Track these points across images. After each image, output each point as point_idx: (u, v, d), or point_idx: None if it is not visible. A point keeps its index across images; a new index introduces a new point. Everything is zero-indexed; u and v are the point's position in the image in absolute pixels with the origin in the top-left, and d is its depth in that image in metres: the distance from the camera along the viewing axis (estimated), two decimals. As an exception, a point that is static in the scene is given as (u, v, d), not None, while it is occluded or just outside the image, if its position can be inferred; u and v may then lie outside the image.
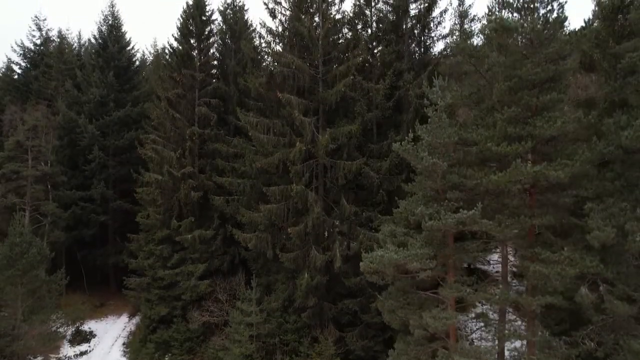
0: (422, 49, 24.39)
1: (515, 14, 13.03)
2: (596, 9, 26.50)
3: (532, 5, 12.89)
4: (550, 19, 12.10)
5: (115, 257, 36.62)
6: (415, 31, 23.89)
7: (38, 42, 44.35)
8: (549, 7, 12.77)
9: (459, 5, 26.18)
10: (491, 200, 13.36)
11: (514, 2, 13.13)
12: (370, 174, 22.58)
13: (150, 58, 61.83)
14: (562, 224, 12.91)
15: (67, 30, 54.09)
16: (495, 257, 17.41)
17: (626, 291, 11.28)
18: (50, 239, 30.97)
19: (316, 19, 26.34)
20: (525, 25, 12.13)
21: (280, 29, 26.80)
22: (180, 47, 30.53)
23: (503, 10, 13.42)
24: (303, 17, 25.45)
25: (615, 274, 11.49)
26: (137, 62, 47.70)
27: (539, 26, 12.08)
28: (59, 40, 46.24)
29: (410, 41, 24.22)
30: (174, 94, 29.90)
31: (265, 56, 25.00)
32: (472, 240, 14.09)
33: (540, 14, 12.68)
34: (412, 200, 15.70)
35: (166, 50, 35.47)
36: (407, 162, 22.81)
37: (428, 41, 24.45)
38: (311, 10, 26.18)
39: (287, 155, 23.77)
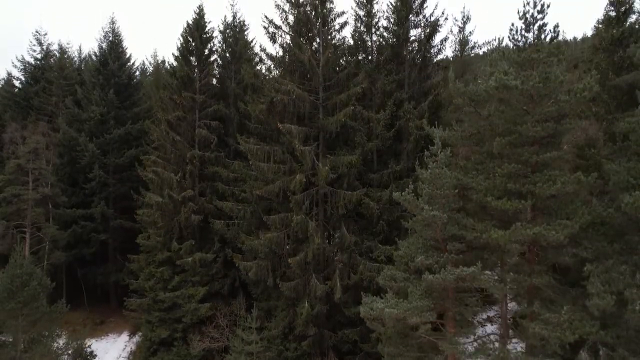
0: (423, 76, 24.36)
1: (516, 68, 12.94)
2: (596, 28, 26.58)
3: (532, 60, 12.82)
4: (552, 76, 12.05)
5: (116, 275, 36.69)
6: (416, 59, 23.83)
7: (39, 56, 44.39)
8: (550, 63, 12.68)
9: (460, 32, 26.21)
10: (491, 254, 13.37)
11: (515, 55, 13.08)
12: (371, 205, 22.59)
13: (151, 68, 61.96)
14: (562, 282, 12.92)
15: (68, 44, 54.10)
16: (496, 308, 17.38)
17: (626, 356, 11.26)
18: (50, 260, 30.98)
19: (316, 44, 26.39)
20: (525, 85, 12.07)
21: (280, 53, 26.89)
22: (181, 69, 30.49)
23: (503, 60, 13.36)
24: (303, 43, 25.48)
25: (615, 338, 11.49)
26: (138, 76, 47.87)
27: (539, 84, 12.04)
28: (59, 54, 46.25)
29: (410, 69, 24.19)
30: (174, 117, 29.91)
31: (266, 83, 24.88)
32: (472, 293, 14.10)
33: (541, 70, 12.62)
34: (412, 243, 15.69)
35: (167, 64, 35.64)
36: (409, 194, 22.97)
37: (429, 68, 24.39)
38: (310, 34, 26.24)
39: (288, 184, 23.80)
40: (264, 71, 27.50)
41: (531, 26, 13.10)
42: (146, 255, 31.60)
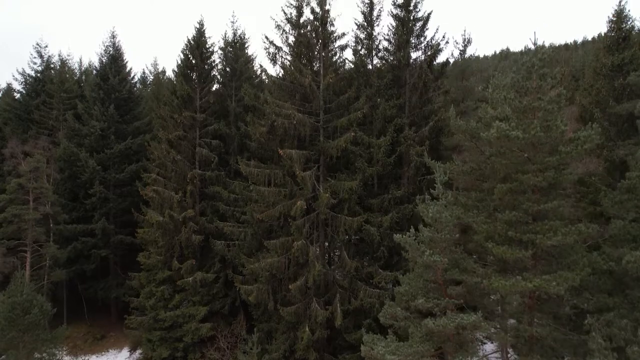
0: (424, 100, 24.32)
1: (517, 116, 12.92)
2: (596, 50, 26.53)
3: (534, 108, 12.81)
4: (553, 127, 12.04)
5: (117, 290, 36.75)
6: (417, 84, 23.80)
7: (39, 69, 44.37)
8: (551, 110, 12.66)
9: (461, 55, 26.15)
10: (491, 300, 13.38)
11: (517, 102, 13.06)
12: (371, 230, 22.59)
13: (151, 77, 61.91)
14: (562, 330, 12.92)
15: (68, 55, 54.13)
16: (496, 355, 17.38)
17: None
18: (51, 278, 31.02)
19: (316, 65, 26.35)
20: (527, 134, 12.06)
21: (281, 73, 26.86)
22: (181, 88, 30.46)
23: (504, 105, 13.35)
24: (304, 63, 25.48)
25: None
26: (138, 85, 47.81)
27: (540, 133, 12.03)
28: (59, 64, 46.25)
29: (411, 93, 24.17)
30: (174, 136, 29.91)
31: (266, 106, 24.86)
32: (473, 336, 14.12)
33: (542, 118, 12.60)
34: (413, 279, 15.69)
35: (168, 74, 35.57)
36: (409, 220, 23.00)
37: (430, 92, 24.35)
38: (311, 55, 26.22)
39: (288, 209, 23.82)
40: (264, 89, 27.33)
41: (532, 74, 13.06)
42: (147, 273, 31.63)
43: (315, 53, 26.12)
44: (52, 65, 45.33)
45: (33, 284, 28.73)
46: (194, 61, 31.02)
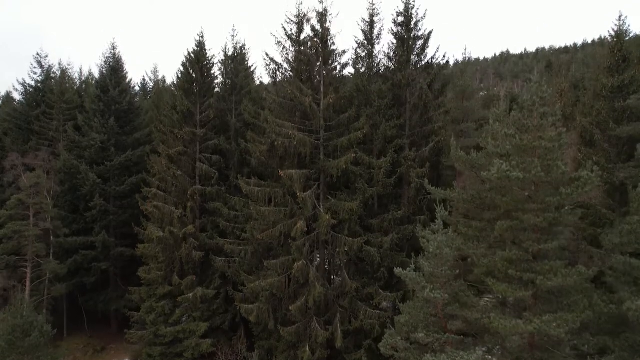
0: (425, 120, 24.34)
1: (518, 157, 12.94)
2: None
3: (535, 148, 12.83)
4: (554, 167, 12.07)
5: (117, 302, 36.74)
6: (418, 104, 23.82)
7: (39, 79, 44.38)
8: (551, 149, 12.70)
9: (461, 74, 26.14)
10: (491, 337, 13.42)
11: (517, 140, 13.08)
12: (371, 252, 22.61)
13: (151, 84, 61.93)
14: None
15: (69, 65, 54.02)
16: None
17: None
18: (51, 293, 31.06)
19: (316, 80, 26.34)
20: (527, 174, 12.10)
21: (281, 92, 26.84)
22: (181, 103, 30.46)
23: (505, 141, 13.37)
24: (304, 79, 25.50)
25: None
26: (138, 92, 47.84)
27: (541, 173, 12.06)
28: (60, 74, 46.22)
29: (412, 113, 24.20)
30: (175, 152, 29.92)
31: (266, 125, 24.88)
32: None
33: (543, 158, 12.64)
34: (414, 308, 15.71)
35: (169, 82, 35.47)
36: (409, 240, 23.03)
37: (430, 112, 24.37)
38: (311, 73, 26.22)
39: (289, 229, 23.85)
40: (265, 106, 27.30)
41: (533, 112, 13.08)
42: (147, 288, 31.65)
43: (316, 71, 26.13)
44: (52, 75, 45.31)
45: (33, 303, 28.77)
46: (194, 75, 31.02)
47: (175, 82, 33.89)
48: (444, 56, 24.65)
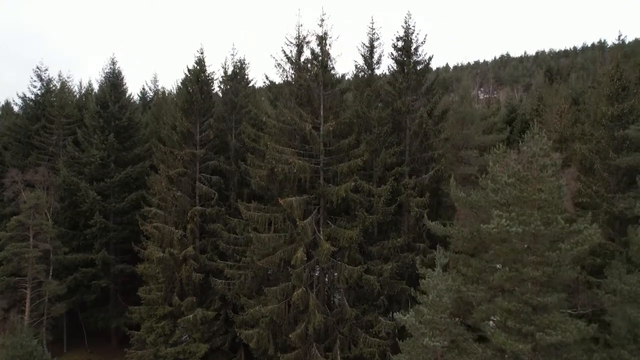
0: (424, 147, 24.34)
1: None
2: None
3: (534, 200, 12.86)
4: (553, 221, 12.09)
5: (117, 319, 36.75)
6: (418, 132, 23.82)
7: (39, 92, 44.36)
8: (550, 202, 12.73)
9: (462, 101, 26.14)
10: (491, 387, 13.46)
11: (517, 191, 13.11)
12: (371, 280, 22.63)
13: (151, 94, 61.86)
14: None
15: (68, 77, 53.82)
16: None
17: None
18: (50, 313, 31.10)
19: (316, 103, 26.32)
20: (527, 228, 12.13)
21: (281, 116, 26.82)
22: (181, 124, 30.43)
23: (506, 190, 13.39)
24: (302, 108, 25.50)
25: None
26: (138, 102, 47.77)
27: (540, 227, 12.09)
28: (59, 86, 46.16)
29: (411, 140, 24.20)
30: (175, 173, 29.90)
31: (266, 150, 24.88)
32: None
33: (543, 212, 12.66)
34: (413, 350, 15.73)
35: (170, 90, 35.38)
36: (409, 269, 23.06)
37: (430, 139, 24.36)
38: (310, 97, 26.20)
39: (288, 255, 23.88)
40: (265, 131, 27.27)
41: (532, 163, 13.11)
42: (147, 307, 31.66)
43: (316, 95, 26.10)
44: (52, 88, 45.27)
45: (33, 324, 28.83)
46: (193, 97, 30.95)
47: (175, 92, 33.79)
48: (444, 81, 24.42)
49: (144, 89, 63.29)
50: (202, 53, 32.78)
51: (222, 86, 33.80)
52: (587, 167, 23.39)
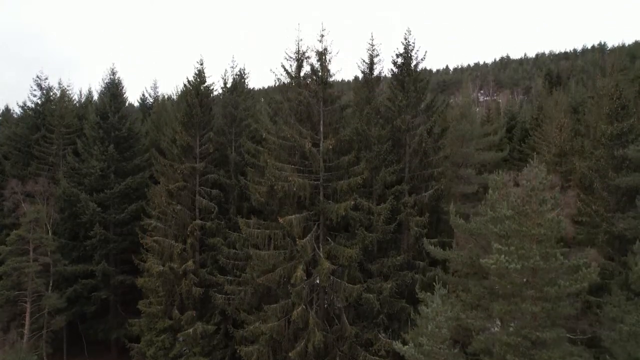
0: (424, 164, 24.36)
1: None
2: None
3: (533, 236, 12.89)
4: (552, 256, 12.13)
5: (117, 330, 36.75)
6: (418, 150, 23.84)
7: (39, 101, 44.40)
8: (550, 238, 12.75)
9: (462, 117, 26.15)
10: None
11: (516, 225, 13.14)
12: (370, 299, 22.65)
13: (150, 100, 61.82)
14: None
15: (68, 86, 53.73)
16: None
17: None
18: (50, 327, 31.15)
19: (315, 118, 26.32)
20: (526, 263, 12.17)
21: (280, 132, 26.81)
22: (181, 138, 30.44)
23: (505, 222, 13.43)
24: (302, 125, 25.52)
25: None
26: (138, 110, 47.78)
27: (539, 262, 12.12)
28: (59, 93, 46.18)
29: (411, 157, 24.22)
30: (175, 187, 29.92)
31: (266, 168, 24.90)
32: None
33: (542, 246, 12.69)
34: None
35: (169, 96, 35.37)
36: (408, 287, 23.10)
37: (430, 157, 24.38)
38: (310, 113, 26.20)
39: (288, 272, 23.91)
40: (264, 147, 27.29)
41: (532, 197, 13.13)
42: (147, 319, 31.70)
43: (315, 111, 26.08)
44: (52, 96, 45.29)
45: (32, 337, 28.88)
46: (193, 110, 30.95)
47: (175, 97, 33.68)
48: (444, 100, 24.51)
49: (143, 95, 63.28)
50: (201, 64, 32.85)
51: (222, 97, 33.81)
52: (587, 186, 23.41)
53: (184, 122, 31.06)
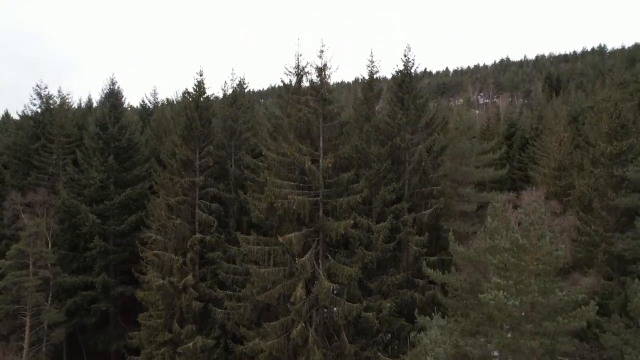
0: (423, 182, 24.38)
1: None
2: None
3: (531, 271, 12.93)
4: (551, 292, 12.17)
5: (117, 342, 36.75)
6: (417, 169, 23.87)
7: (39, 110, 44.42)
8: (548, 272, 12.80)
9: (462, 135, 26.17)
10: None
11: (515, 259, 13.18)
12: (370, 318, 22.68)
13: (150, 106, 61.80)
14: None
15: (68, 94, 53.61)
16: None
17: None
18: (50, 340, 31.20)
19: (314, 131, 26.32)
20: (525, 298, 12.21)
21: (280, 148, 26.83)
22: (180, 152, 30.45)
23: (503, 264, 13.47)
24: (302, 142, 25.55)
25: None
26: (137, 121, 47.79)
27: (538, 297, 12.15)
28: (59, 101, 46.18)
29: (410, 175, 24.26)
30: (174, 201, 29.95)
31: (265, 186, 24.92)
32: None
33: (540, 281, 12.73)
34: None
35: (171, 97, 35.34)
36: (408, 305, 23.14)
37: (429, 175, 24.40)
38: (310, 130, 26.22)
39: (288, 289, 23.96)
40: (265, 164, 27.30)
41: (531, 232, 13.18)
42: (147, 332, 31.74)
43: (315, 128, 26.08)
44: (51, 104, 45.30)
45: (32, 351, 28.91)
46: (192, 124, 30.95)
47: (175, 101, 33.60)
48: (444, 118, 24.53)
49: (143, 101, 63.22)
50: (201, 75, 32.81)
51: (221, 108, 33.80)
52: (586, 204, 23.44)
53: (184, 136, 31.06)
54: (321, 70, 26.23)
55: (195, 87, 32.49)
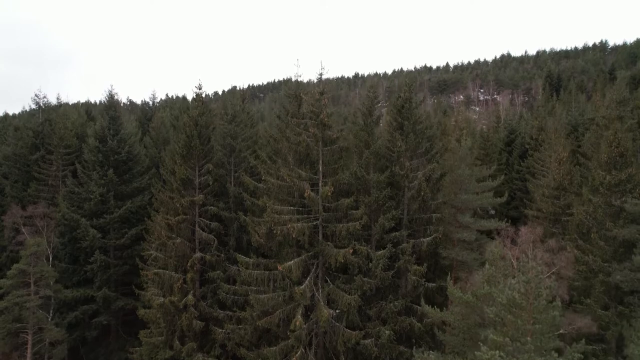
0: (422, 209, 24.46)
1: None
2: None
3: (527, 330, 13.07)
4: (547, 353, 12.30)
5: (118, 353, 37.13)
6: (416, 197, 23.92)
7: (38, 120, 44.39)
8: (544, 332, 12.93)
9: (461, 160, 26.14)
10: None
11: (514, 320, 13.30)
12: (368, 346, 22.89)
13: (150, 110, 61.71)
14: None
15: (67, 102, 53.69)
16: None
17: None
18: (52, 357, 31.50)
19: (314, 154, 26.35)
20: (520, 358, 12.35)
21: (279, 173, 26.85)
22: (180, 171, 30.47)
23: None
24: (301, 167, 25.60)
25: None
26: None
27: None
28: (58, 105, 46.10)
29: (409, 202, 24.31)
30: (175, 221, 30.03)
31: (264, 211, 25.00)
32: None
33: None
34: None
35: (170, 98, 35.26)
36: (407, 331, 23.34)
37: (428, 203, 24.47)
38: (309, 154, 26.25)
39: (287, 314, 24.16)
40: (264, 187, 27.34)
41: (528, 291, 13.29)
42: (148, 349, 32.00)
43: (314, 152, 26.08)
44: (50, 109, 45.28)
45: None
46: (192, 142, 30.92)
47: (174, 102, 33.60)
48: (443, 145, 24.51)
49: (143, 104, 63.12)
50: (200, 88, 32.79)
51: (222, 113, 33.75)
52: (584, 232, 23.55)
53: (183, 155, 31.06)
54: (320, 94, 26.19)
55: (194, 100, 32.47)
